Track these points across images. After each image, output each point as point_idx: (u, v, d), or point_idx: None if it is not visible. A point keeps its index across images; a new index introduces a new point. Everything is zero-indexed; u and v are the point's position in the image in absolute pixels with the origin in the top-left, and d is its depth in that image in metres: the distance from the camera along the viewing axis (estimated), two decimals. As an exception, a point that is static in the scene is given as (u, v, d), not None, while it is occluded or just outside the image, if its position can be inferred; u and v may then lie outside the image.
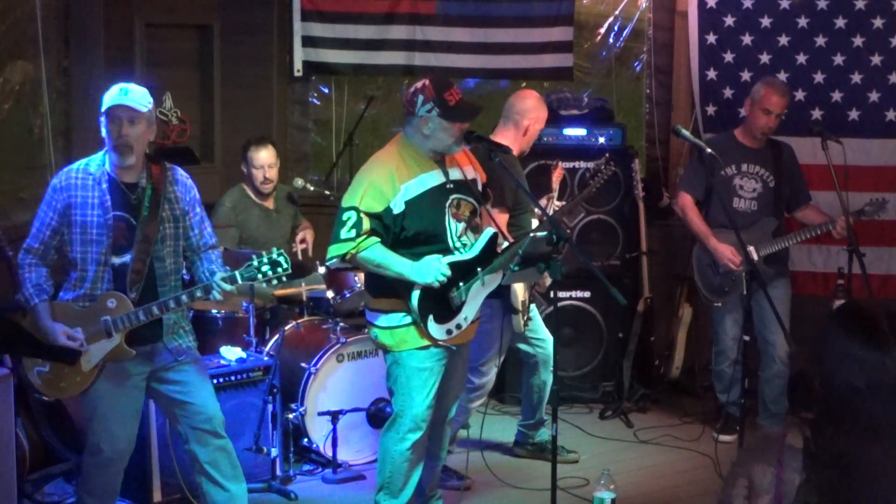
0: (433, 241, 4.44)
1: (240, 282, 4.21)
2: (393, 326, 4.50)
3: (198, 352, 4.50)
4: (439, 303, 4.45)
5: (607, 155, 5.17)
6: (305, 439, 5.43)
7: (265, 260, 4.18)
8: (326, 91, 7.38)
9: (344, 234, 4.35)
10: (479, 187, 4.69)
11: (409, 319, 4.46)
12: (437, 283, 4.36)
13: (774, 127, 5.74)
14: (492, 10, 7.19)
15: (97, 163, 4.26)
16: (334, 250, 4.36)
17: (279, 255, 4.20)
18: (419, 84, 4.44)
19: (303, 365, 5.42)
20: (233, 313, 5.62)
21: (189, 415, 4.35)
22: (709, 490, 5.36)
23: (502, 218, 5.02)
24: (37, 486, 5.08)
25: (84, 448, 4.46)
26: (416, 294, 4.39)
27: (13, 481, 4.63)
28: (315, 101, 7.42)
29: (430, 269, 4.35)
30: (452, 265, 4.41)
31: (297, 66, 7.13)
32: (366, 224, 4.35)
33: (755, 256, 5.53)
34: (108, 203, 4.20)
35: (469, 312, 4.54)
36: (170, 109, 6.88)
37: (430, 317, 4.44)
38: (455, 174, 4.55)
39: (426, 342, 4.48)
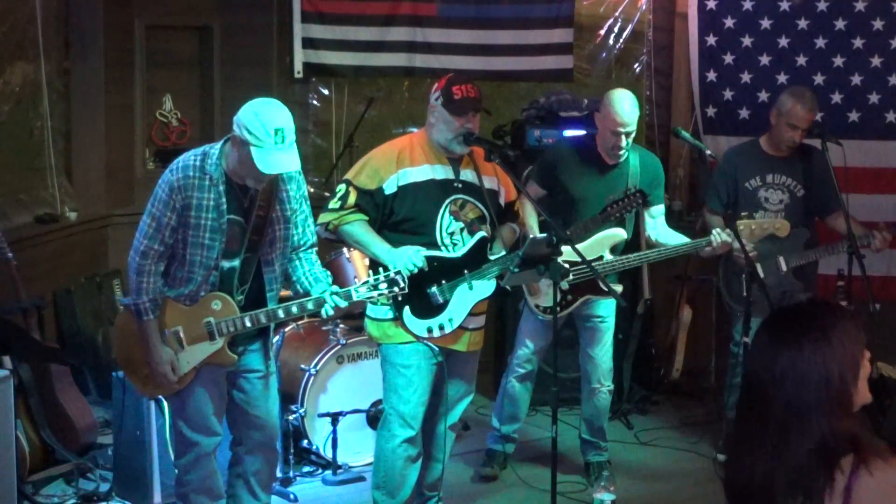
0: (420, 232, 4.46)
1: (355, 299, 4.10)
2: (380, 319, 4.53)
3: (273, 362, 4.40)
4: (417, 296, 4.43)
5: (636, 186, 5.06)
6: (305, 441, 5.43)
7: (381, 278, 4.10)
8: (326, 93, 7.38)
9: (331, 204, 4.48)
10: (502, 202, 4.67)
11: (393, 314, 4.48)
12: (408, 272, 4.33)
13: (801, 140, 5.49)
14: (492, 11, 7.20)
15: (213, 161, 3.99)
16: (320, 218, 4.48)
17: (396, 273, 4.12)
18: (443, 76, 4.57)
19: (302, 367, 5.42)
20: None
21: (251, 426, 4.29)
22: (709, 492, 5.36)
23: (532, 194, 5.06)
24: (37, 488, 5.07)
25: (84, 450, 4.44)
26: None
27: (13, 483, 4.64)
28: (315, 102, 7.42)
29: (404, 257, 4.36)
30: (433, 259, 4.41)
31: (298, 67, 7.13)
32: (352, 198, 4.45)
33: (784, 268, 5.44)
34: (224, 207, 3.98)
35: (455, 315, 4.52)
36: (170, 111, 6.89)
37: (407, 308, 4.45)
38: (468, 176, 4.56)
39: (410, 338, 4.49)
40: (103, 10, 6.54)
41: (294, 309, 4.11)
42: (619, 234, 5.07)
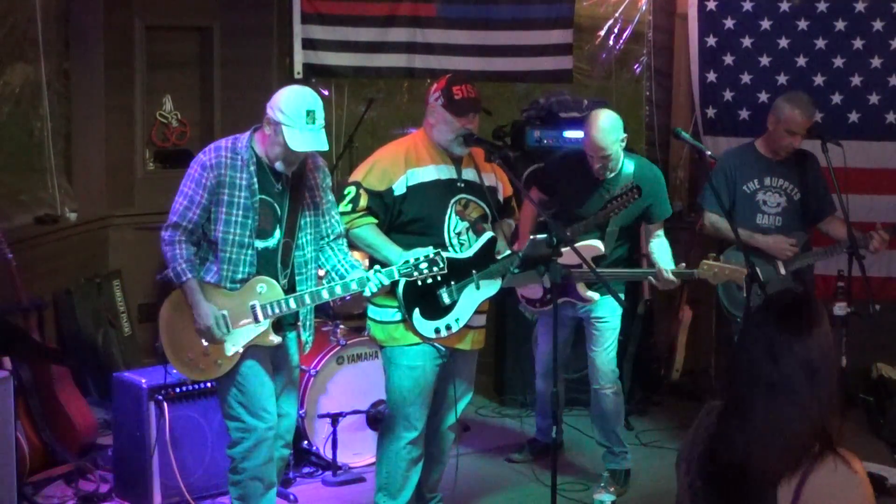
0: (428, 232, 4.47)
1: (397, 277, 4.25)
2: (385, 321, 4.54)
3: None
4: (427, 297, 4.45)
5: (632, 182, 5.04)
6: (305, 442, 5.43)
7: (422, 258, 4.22)
8: (326, 93, 7.36)
9: (341, 207, 4.48)
10: (500, 198, 4.69)
11: (400, 316, 4.48)
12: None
13: (798, 145, 5.46)
14: (492, 12, 7.19)
15: (244, 143, 4.20)
16: None
17: (436, 254, 4.24)
18: (442, 77, 4.58)
19: (303, 367, 5.41)
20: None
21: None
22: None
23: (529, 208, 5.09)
24: (37, 489, 5.08)
25: (84, 451, 4.40)
26: (402, 282, 4.40)
27: (13, 484, 4.64)
28: (315, 103, 7.41)
29: None
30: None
31: (297, 68, 7.12)
32: (363, 201, 4.46)
33: (782, 271, 5.42)
34: (256, 186, 4.16)
35: (461, 315, 4.53)
36: (170, 112, 6.87)
37: (416, 310, 4.46)
38: (469, 175, 4.58)
39: (416, 340, 4.49)
40: (103, 10, 6.52)
41: (338, 289, 4.23)
42: (598, 246, 5.06)
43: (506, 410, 6.48)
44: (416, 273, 4.23)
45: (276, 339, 4.25)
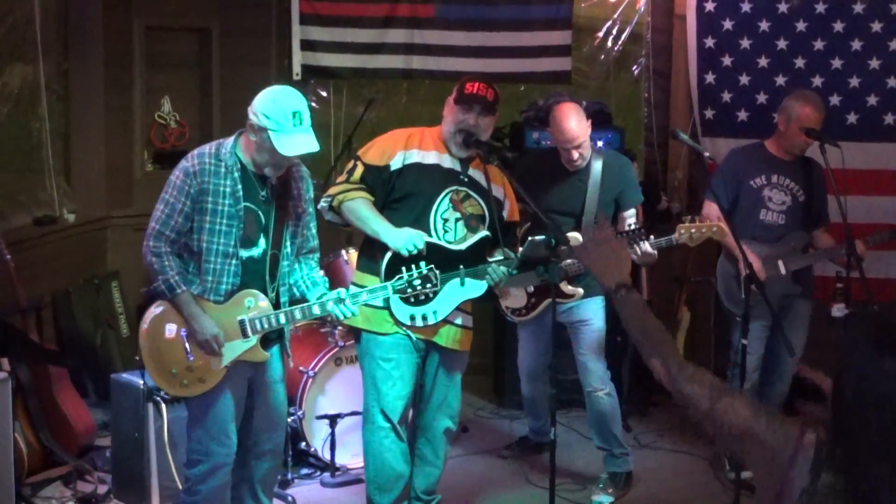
0: (415, 210, 4.48)
1: (390, 294, 4.22)
2: (365, 303, 4.49)
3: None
4: None
5: (643, 229, 5.01)
6: (303, 443, 5.43)
7: (415, 274, 4.17)
8: (325, 94, 7.37)
9: (340, 179, 4.53)
10: (505, 214, 4.68)
11: (382, 303, 4.47)
12: (407, 253, 4.35)
13: (813, 142, 5.44)
14: (490, 13, 7.19)
15: (228, 150, 4.07)
16: (328, 192, 4.55)
17: (429, 270, 4.19)
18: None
19: (301, 369, 5.42)
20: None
21: (265, 429, 4.30)
22: (708, 493, 5.36)
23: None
24: (35, 490, 5.08)
25: (82, 452, 4.37)
26: (387, 256, 4.42)
27: (11, 485, 4.64)
28: (314, 104, 7.40)
29: (405, 237, 4.38)
30: (432, 247, 4.42)
31: (296, 69, 7.12)
32: (357, 173, 4.50)
33: (783, 271, 5.43)
34: (240, 193, 4.03)
35: (440, 308, 4.52)
36: (168, 113, 6.87)
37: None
38: (476, 175, 4.59)
39: (392, 329, 4.49)
40: (102, 11, 6.53)
41: (329, 305, 4.13)
42: (576, 237, 5.01)
43: (504, 411, 6.47)
44: (409, 290, 4.19)
45: (264, 354, 4.15)
